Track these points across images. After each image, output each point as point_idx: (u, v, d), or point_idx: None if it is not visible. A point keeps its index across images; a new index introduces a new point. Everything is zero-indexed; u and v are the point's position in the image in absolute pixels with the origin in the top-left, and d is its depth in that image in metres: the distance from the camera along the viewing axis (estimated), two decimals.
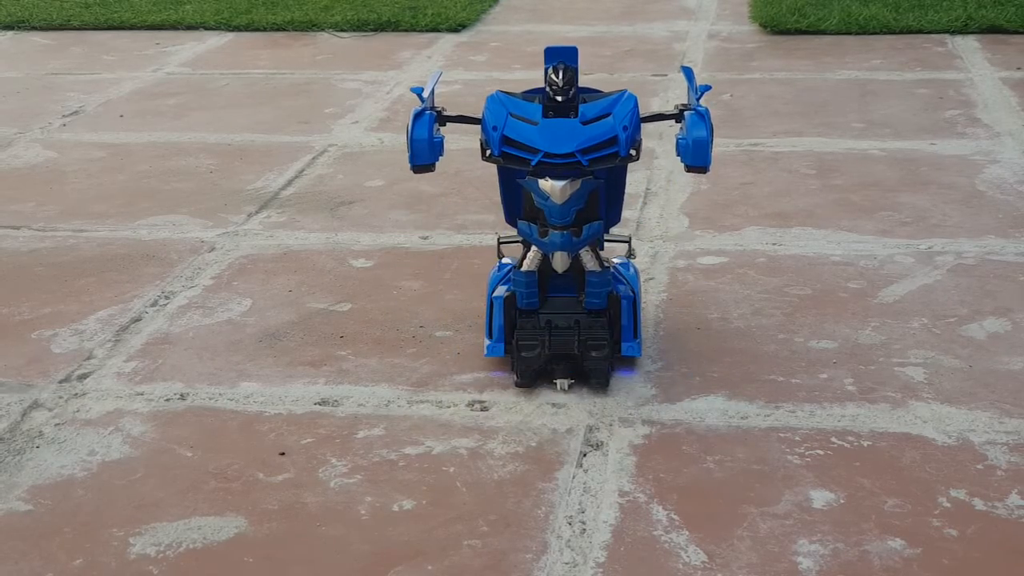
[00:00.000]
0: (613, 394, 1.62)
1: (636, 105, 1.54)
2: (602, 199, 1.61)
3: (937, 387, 1.61)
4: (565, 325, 1.63)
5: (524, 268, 1.61)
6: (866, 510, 1.36)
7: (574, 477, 1.44)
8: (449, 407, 1.60)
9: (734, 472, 1.44)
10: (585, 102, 1.55)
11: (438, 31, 3.77)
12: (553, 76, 1.54)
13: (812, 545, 1.30)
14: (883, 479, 1.42)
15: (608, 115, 1.51)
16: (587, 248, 1.60)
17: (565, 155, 1.49)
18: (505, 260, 1.71)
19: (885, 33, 3.54)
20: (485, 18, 3.97)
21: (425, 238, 2.17)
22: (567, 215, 1.54)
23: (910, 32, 3.54)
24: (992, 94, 2.94)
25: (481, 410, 1.59)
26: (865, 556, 1.28)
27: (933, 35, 3.51)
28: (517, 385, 1.64)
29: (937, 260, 2.01)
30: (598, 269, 1.60)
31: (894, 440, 1.50)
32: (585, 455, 1.49)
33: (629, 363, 1.68)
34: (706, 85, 1.60)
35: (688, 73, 1.63)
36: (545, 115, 1.52)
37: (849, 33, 3.55)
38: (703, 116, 1.53)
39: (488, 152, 1.52)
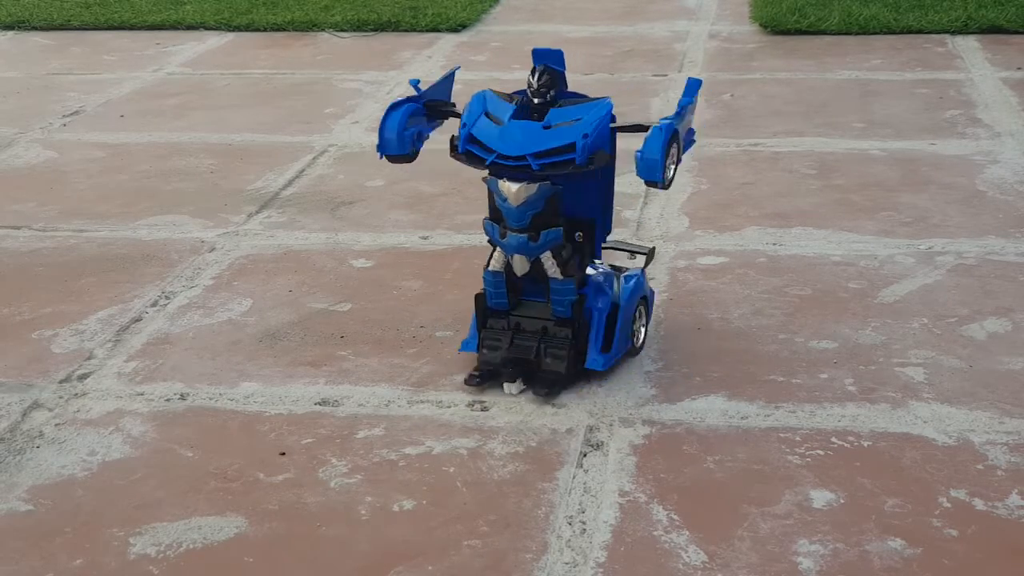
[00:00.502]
0: (613, 394, 1.62)
1: (608, 114, 1.53)
2: (597, 205, 1.61)
3: (937, 387, 1.61)
4: (531, 330, 1.63)
5: (490, 268, 1.62)
6: (866, 510, 1.36)
7: (574, 477, 1.44)
8: (449, 407, 1.60)
9: (734, 472, 1.44)
10: (562, 106, 1.54)
11: (438, 31, 3.77)
12: (531, 78, 1.54)
13: (812, 545, 1.30)
14: (883, 479, 1.42)
15: (576, 121, 1.51)
16: (549, 254, 1.58)
17: (517, 158, 1.50)
18: None
19: (885, 33, 3.54)
20: (485, 18, 3.97)
21: (425, 238, 2.17)
22: (523, 218, 1.54)
23: (910, 32, 3.53)
24: (992, 94, 2.94)
25: (481, 410, 1.59)
26: (865, 556, 1.28)
27: (933, 35, 3.51)
28: (464, 382, 1.64)
29: (937, 260, 2.01)
30: (559, 277, 1.58)
31: (894, 440, 1.50)
32: (585, 455, 1.49)
33: (592, 375, 1.68)
34: (688, 98, 1.56)
35: (690, 85, 1.58)
36: (517, 117, 1.53)
37: (849, 33, 3.55)
38: (661, 131, 1.49)
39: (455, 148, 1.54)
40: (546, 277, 1.59)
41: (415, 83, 1.62)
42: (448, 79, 1.68)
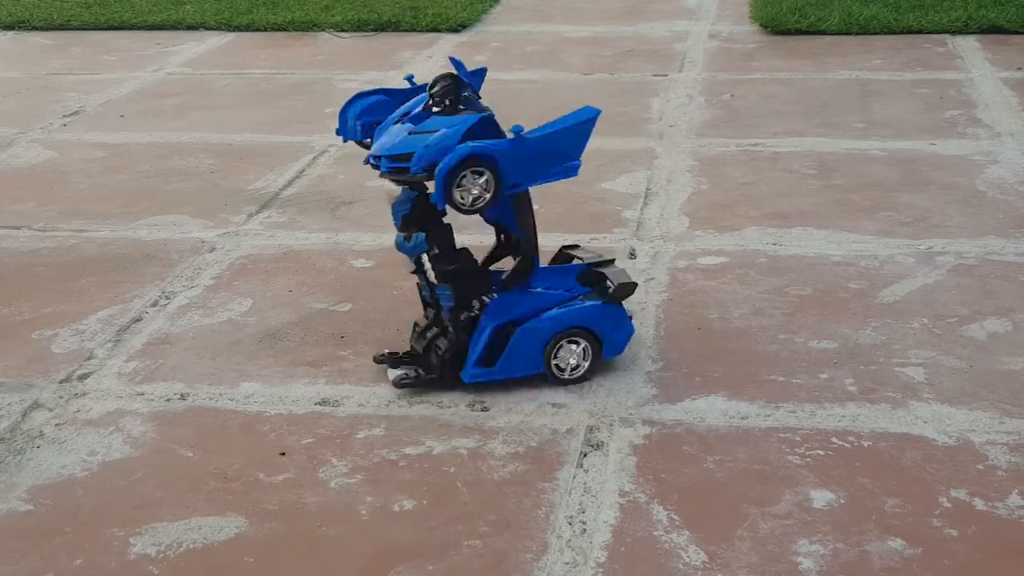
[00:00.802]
0: (614, 394, 1.62)
1: (469, 128, 1.51)
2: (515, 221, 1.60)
3: (937, 387, 1.61)
4: (441, 327, 1.65)
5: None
6: (866, 510, 1.36)
7: (574, 477, 1.44)
8: (449, 407, 1.60)
9: (734, 472, 1.44)
10: (448, 115, 1.53)
11: (439, 31, 3.77)
12: (431, 87, 1.56)
13: (812, 545, 1.30)
14: (883, 479, 1.41)
15: (435, 131, 1.51)
16: (425, 256, 1.61)
17: (376, 157, 1.55)
18: None
19: (886, 33, 3.54)
20: (486, 18, 3.97)
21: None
22: (396, 217, 1.61)
23: (911, 32, 3.53)
24: (993, 94, 2.94)
25: (481, 410, 1.59)
26: (865, 556, 1.28)
27: (934, 35, 3.51)
28: (373, 358, 1.70)
29: (937, 260, 2.01)
30: (435, 281, 1.62)
31: (894, 440, 1.50)
32: (585, 455, 1.49)
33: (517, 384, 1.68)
34: (552, 127, 1.55)
35: (579, 113, 1.56)
36: (411, 120, 1.55)
37: (850, 33, 3.55)
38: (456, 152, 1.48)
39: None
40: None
41: (410, 78, 1.65)
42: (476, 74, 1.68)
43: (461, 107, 1.54)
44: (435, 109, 1.54)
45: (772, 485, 1.41)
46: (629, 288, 1.63)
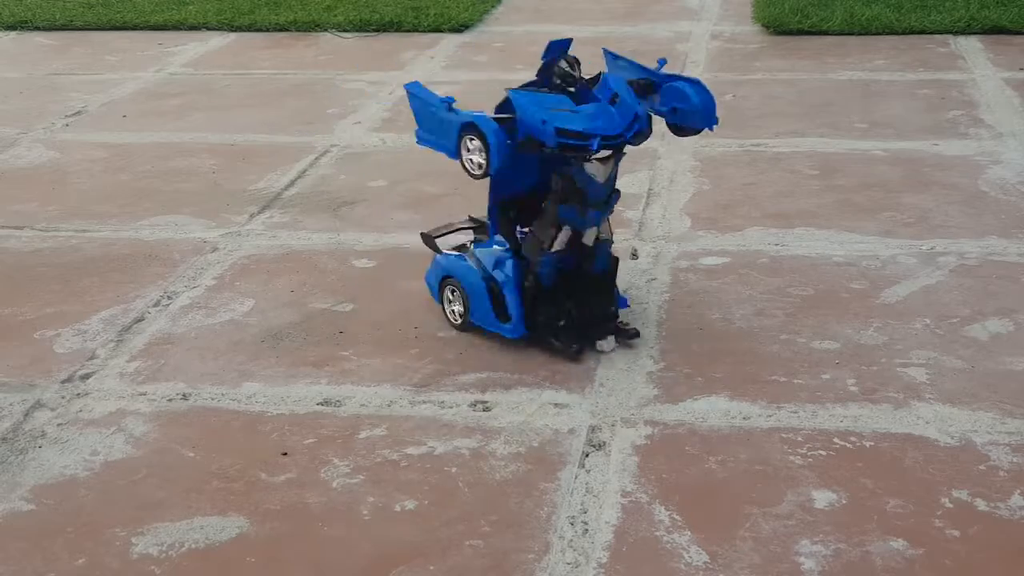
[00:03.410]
0: (615, 394, 1.62)
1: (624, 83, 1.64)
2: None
3: (939, 388, 1.61)
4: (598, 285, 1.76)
5: (554, 249, 1.69)
6: (868, 511, 1.36)
7: (576, 477, 1.44)
8: (451, 407, 1.60)
9: (736, 472, 1.44)
10: (584, 90, 1.65)
11: (440, 31, 3.77)
12: (565, 67, 1.65)
13: (814, 546, 1.30)
14: (885, 480, 1.41)
15: (614, 98, 1.62)
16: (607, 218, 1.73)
17: (616, 136, 1.60)
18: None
19: (888, 34, 3.54)
20: (488, 18, 3.97)
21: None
22: (605, 192, 1.67)
23: (913, 33, 3.53)
24: (995, 95, 2.94)
25: (483, 410, 1.59)
26: (867, 557, 1.28)
27: (936, 36, 3.51)
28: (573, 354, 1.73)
29: (939, 261, 2.01)
30: (610, 239, 1.73)
31: (896, 441, 1.50)
32: (587, 455, 1.49)
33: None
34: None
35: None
36: (580, 102, 1.64)
37: (852, 34, 3.55)
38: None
39: (543, 146, 1.58)
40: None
41: (450, 100, 1.66)
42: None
43: (580, 84, 1.67)
44: (571, 90, 1.66)
45: (774, 485, 1.41)
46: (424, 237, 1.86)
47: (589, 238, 1.69)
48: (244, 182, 2.50)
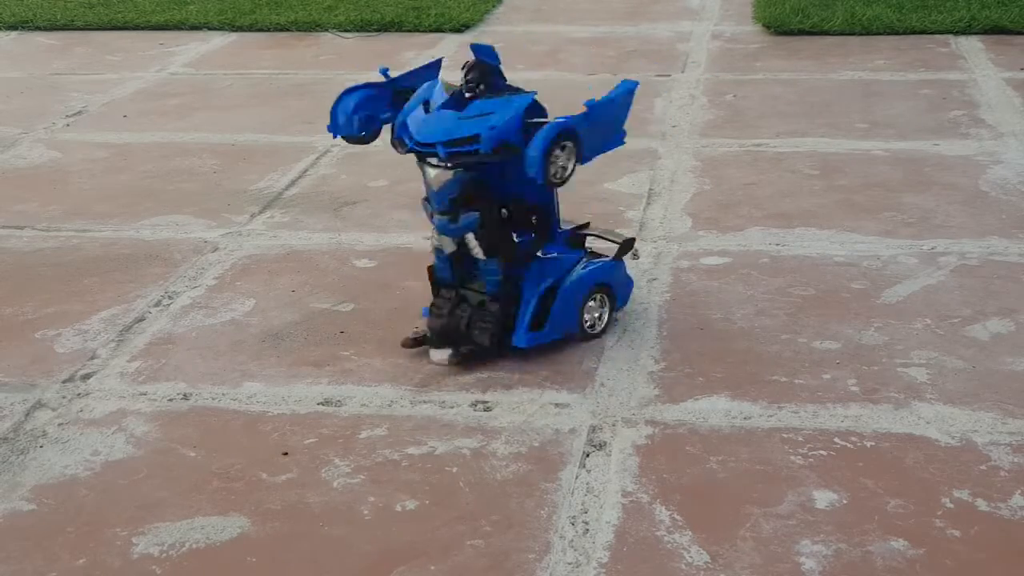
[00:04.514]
0: (616, 394, 1.62)
1: (522, 108, 1.57)
2: (547, 191, 1.67)
3: (940, 388, 1.61)
4: (473, 303, 1.70)
5: (432, 243, 1.70)
6: (869, 511, 1.36)
7: (577, 477, 1.44)
8: (452, 407, 1.60)
9: (737, 472, 1.44)
10: (488, 99, 1.60)
11: (442, 31, 3.77)
12: (461, 72, 1.62)
13: (815, 546, 1.30)
14: (886, 480, 1.41)
15: (489, 113, 1.57)
16: (472, 236, 1.65)
17: (428, 144, 1.58)
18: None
19: (889, 34, 3.54)
20: (489, 18, 3.97)
21: (428, 238, 2.16)
22: (443, 201, 1.63)
23: (914, 32, 3.53)
24: (996, 95, 2.93)
25: (484, 410, 1.59)
26: (868, 557, 1.28)
27: (937, 35, 3.51)
28: (401, 344, 1.74)
29: (940, 261, 2.01)
30: (482, 257, 1.66)
31: (897, 441, 1.50)
32: (588, 455, 1.49)
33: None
34: (610, 96, 1.64)
35: (621, 86, 1.66)
36: (445, 106, 1.60)
37: (853, 34, 3.55)
38: (549, 128, 1.54)
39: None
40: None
41: (384, 71, 1.69)
42: (430, 68, 1.74)
43: (500, 90, 1.62)
44: (468, 95, 1.61)
45: (775, 485, 1.41)
46: (630, 243, 1.78)
47: (445, 245, 1.67)
48: (245, 182, 2.50)
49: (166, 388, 1.68)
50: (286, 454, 1.51)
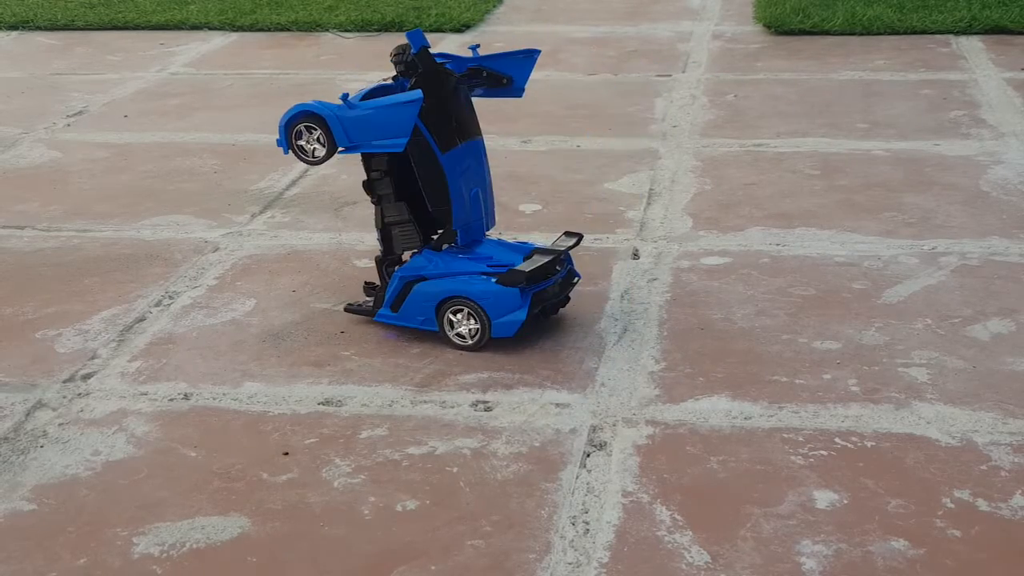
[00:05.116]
0: (617, 394, 1.62)
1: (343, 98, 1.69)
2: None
3: (941, 388, 1.61)
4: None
5: None
6: (870, 511, 1.36)
7: (577, 477, 1.44)
8: (453, 407, 1.60)
9: (738, 472, 1.44)
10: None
11: (442, 31, 3.77)
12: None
13: (816, 546, 1.30)
14: (887, 480, 1.41)
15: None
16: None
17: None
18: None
19: (889, 34, 3.54)
20: (489, 18, 3.97)
21: None
22: None
23: (914, 33, 3.53)
24: (996, 95, 2.93)
25: (485, 410, 1.59)
26: (869, 557, 1.28)
27: (937, 35, 3.51)
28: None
29: (941, 261, 2.01)
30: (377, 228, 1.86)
31: (898, 441, 1.50)
32: (588, 455, 1.49)
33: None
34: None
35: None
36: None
37: (853, 34, 3.55)
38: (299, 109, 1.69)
39: None
40: None
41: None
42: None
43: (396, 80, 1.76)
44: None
45: (775, 485, 1.41)
46: (516, 276, 1.71)
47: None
48: (245, 182, 2.50)
49: (167, 388, 1.68)
50: (287, 454, 1.51)
